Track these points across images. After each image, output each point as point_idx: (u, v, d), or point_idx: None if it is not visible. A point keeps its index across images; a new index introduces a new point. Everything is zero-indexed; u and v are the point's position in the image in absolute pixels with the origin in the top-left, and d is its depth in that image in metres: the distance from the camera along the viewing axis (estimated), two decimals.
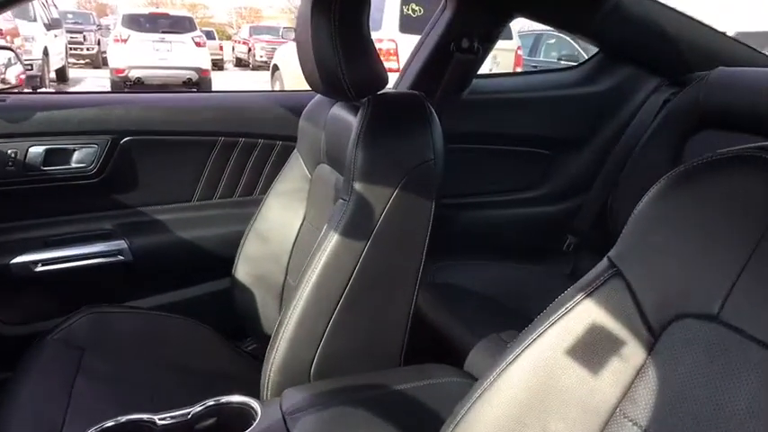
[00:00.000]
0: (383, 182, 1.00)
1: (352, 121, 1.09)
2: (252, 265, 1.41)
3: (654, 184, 0.58)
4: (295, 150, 1.40)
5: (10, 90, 1.52)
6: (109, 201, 1.52)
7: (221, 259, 1.51)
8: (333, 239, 1.00)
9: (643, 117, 1.65)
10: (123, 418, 0.85)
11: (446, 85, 1.54)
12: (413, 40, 1.69)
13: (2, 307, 1.43)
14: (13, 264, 1.40)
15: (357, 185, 1.00)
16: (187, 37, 9.48)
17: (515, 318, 1.56)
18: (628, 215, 0.61)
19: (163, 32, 9.32)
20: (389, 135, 1.02)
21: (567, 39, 7.46)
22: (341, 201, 1.03)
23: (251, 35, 17.51)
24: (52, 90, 5.35)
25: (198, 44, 9.55)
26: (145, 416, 0.86)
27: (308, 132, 1.34)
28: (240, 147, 1.60)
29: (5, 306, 1.44)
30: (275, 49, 9.92)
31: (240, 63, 18.05)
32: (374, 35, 1.07)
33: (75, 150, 1.45)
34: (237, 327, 1.46)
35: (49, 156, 1.43)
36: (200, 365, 1.23)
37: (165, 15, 10.04)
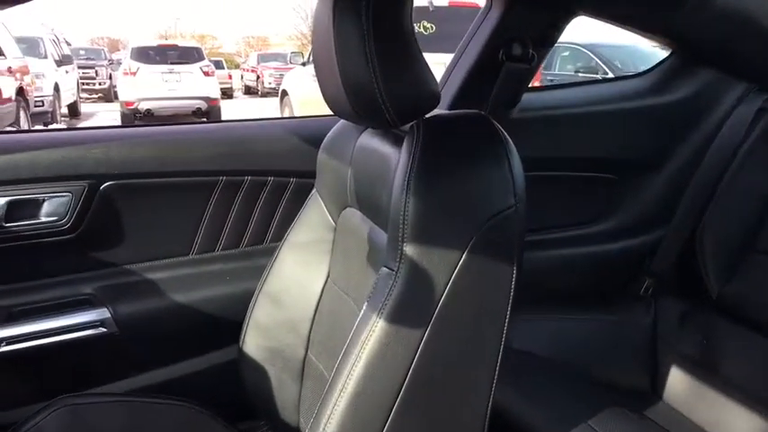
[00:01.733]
0: (446, 243, 0.71)
1: (391, 154, 0.81)
2: (264, 334, 1.13)
3: None
4: (314, 190, 1.13)
5: None
6: (87, 260, 1.24)
7: (226, 325, 1.24)
8: (378, 326, 0.71)
9: (731, 131, 1.37)
10: None
11: (494, 102, 1.26)
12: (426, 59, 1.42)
13: None
14: None
15: (410, 249, 0.72)
16: (195, 67, 9.53)
17: (601, 392, 1.27)
18: (721, 250, 0.34)
19: (171, 63, 9.40)
20: (452, 175, 0.74)
21: (584, 50, 7.20)
22: (385, 270, 0.74)
23: (259, 62, 17.61)
24: (11, 129, 5.20)
25: (206, 73, 9.62)
26: None
27: (329, 168, 1.06)
28: (246, 186, 1.32)
29: None
30: (283, 75, 9.92)
31: (249, 91, 18.09)
32: None
33: (44, 201, 1.18)
34: (246, 408, 1.18)
35: (12, 209, 1.16)
36: None
37: (174, 47, 10.14)
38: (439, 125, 0.77)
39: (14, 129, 5.21)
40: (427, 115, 0.80)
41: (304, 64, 7.04)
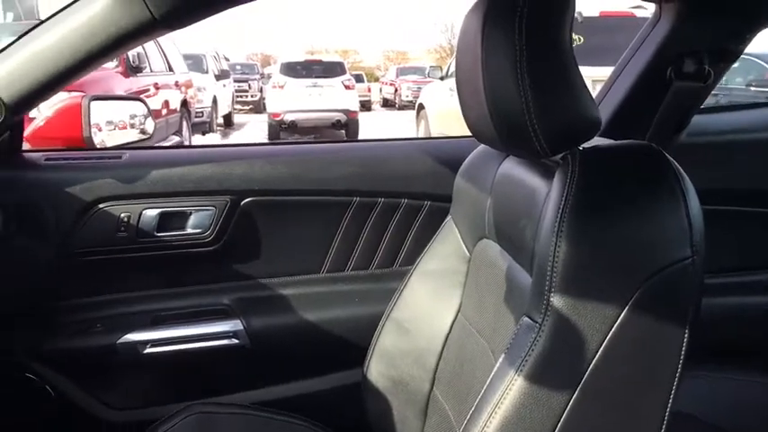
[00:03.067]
0: (603, 296, 0.61)
1: (539, 187, 0.73)
2: (388, 362, 1.09)
3: None
4: (449, 217, 1.06)
5: (126, 145, 1.37)
6: (226, 272, 1.29)
7: (352, 347, 1.21)
8: (516, 384, 0.63)
9: None
10: None
11: (658, 126, 1.12)
12: None
13: (105, 389, 1.25)
14: (120, 344, 1.21)
15: (557, 301, 0.62)
16: (337, 81, 9.90)
17: None
18: None
19: (316, 77, 9.85)
20: (614, 219, 0.63)
21: (757, 61, 6.41)
22: (528, 321, 0.66)
23: (397, 76, 18.00)
24: (171, 144, 5.68)
25: (347, 87, 9.97)
26: None
27: (467, 195, 0.99)
28: (379, 208, 1.29)
29: (108, 388, 1.26)
30: (420, 88, 10.01)
31: (387, 103, 18.54)
32: None
33: (191, 213, 1.24)
34: None
35: (164, 220, 1.23)
36: None
37: (319, 62, 10.66)
38: (598, 158, 0.67)
39: (170, 144, 5.76)
40: (584, 145, 0.70)
41: (442, 78, 7.03)
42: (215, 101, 9.78)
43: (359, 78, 15.49)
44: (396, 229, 1.31)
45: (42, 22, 0.99)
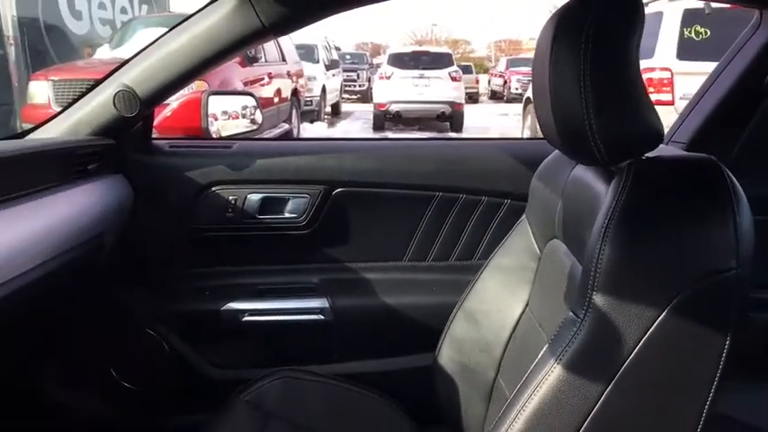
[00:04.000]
0: (643, 297, 0.65)
1: (602, 192, 0.76)
2: (458, 349, 1.16)
3: None
4: (524, 216, 1.11)
5: (237, 136, 1.53)
6: (316, 254, 1.41)
7: (427, 333, 1.29)
8: (554, 372, 0.68)
9: None
10: None
11: (749, 138, 1.09)
12: (693, 68, 1.25)
13: (208, 348, 1.43)
14: (223, 310, 1.38)
15: (599, 299, 0.67)
16: (444, 72, 9.82)
17: None
18: None
19: (423, 69, 9.82)
20: (659, 228, 0.66)
21: None
22: (571, 316, 0.71)
23: (508, 67, 17.50)
24: (275, 135, 5.96)
25: (454, 79, 9.87)
26: None
27: (541, 195, 1.04)
28: (461, 203, 1.36)
29: (212, 350, 1.43)
30: (530, 81, 9.67)
31: (495, 95, 18.16)
32: (644, 64, 0.73)
33: (288, 200, 1.38)
34: (435, 413, 1.22)
35: (265, 204, 1.38)
36: None
37: (426, 53, 10.61)
38: (654, 168, 0.70)
39: (277, 133, 6.07)
40: (649, 154, 0.73)
41: None
42: (324, 90, 10.06)
43: (467, 70, 15.30)
44: (475, 224, 1.37)
45: (170, 30, 1.15)
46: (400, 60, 10.06)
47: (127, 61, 1.19)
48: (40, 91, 5.16)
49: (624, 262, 0.66)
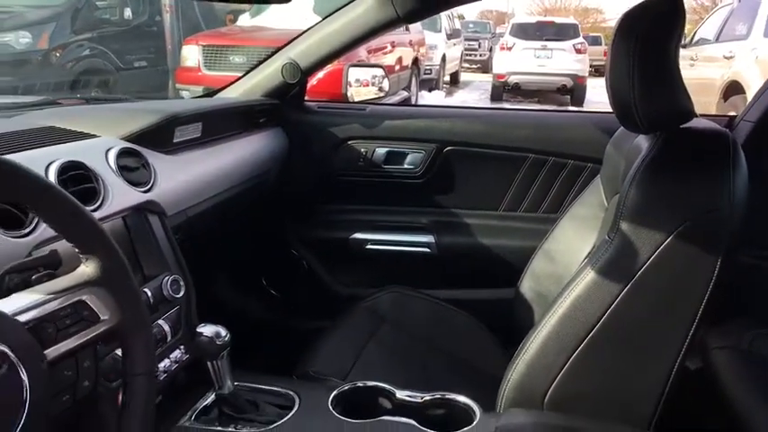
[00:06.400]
0: (654, 225, 0.89)
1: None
2: (536, 281, 1.42)
3: None
4: (598, 175, 1.35)
5: (369, 101, 1.87)
6: (426, 200, 1.73)
7: (513, 269, 1.56)
8: (588, 276, 0.95)
9: None
10: (371, 383, 1.00)
11: None
12: None
13: (338, 270, 1.80)
14: (351, 239, 1.74)
15: (624, 225, 0.92)
16: (568, 44, 9.50)
17: None
18: None
19: (546, 40, 9.55)
20: (671, 175, 0.90)
21: None
22: (606, 239, 0.96)
23: None
24: (395, 103, 6.21)
25: (578, 51, 9.50)
26: (388, 386, 1.00)
27: (611, 159, 1.27)
28: (549, 165, 1.61)
29: (340, 270, 1.80)
30: None
31: None
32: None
33: (408, 154, 1.70)
34: (517, 335, 1.50)
35: (389, 156, 1.71)
36: (471, 361, 1.33)
37: (551, 24, 10.28)
38: (679, 136, 0.93)
39: (398, 100, 6.35)
40: (682, 126, 0.96)
41: (684, 46, 6.51)
42: (444, 59, 10.02)
43: (596, 41, 14.55)
44: (561, 183, 1.62)
45: (327, 16, 1.51)
46: (523, 31, 9.82)
47: (292, 40, 1.57)
48: (192, 55, 5.72)
49: (643, 198, 0.91)
